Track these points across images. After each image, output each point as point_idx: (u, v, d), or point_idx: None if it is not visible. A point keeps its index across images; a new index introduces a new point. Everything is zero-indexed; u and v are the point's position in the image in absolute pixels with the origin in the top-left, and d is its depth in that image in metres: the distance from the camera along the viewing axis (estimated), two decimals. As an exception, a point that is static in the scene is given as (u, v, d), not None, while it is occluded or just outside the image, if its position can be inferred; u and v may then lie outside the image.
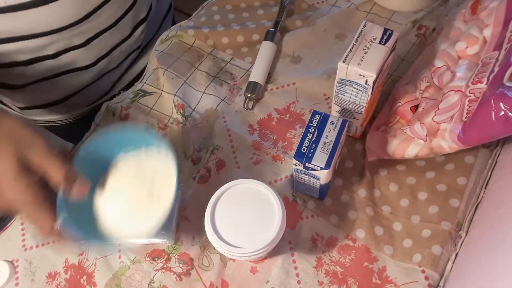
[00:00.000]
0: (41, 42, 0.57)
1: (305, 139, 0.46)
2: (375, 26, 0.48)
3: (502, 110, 0.40)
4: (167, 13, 0.79)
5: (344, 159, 0.56)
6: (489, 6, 0.52)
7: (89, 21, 0.58)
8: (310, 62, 0.66)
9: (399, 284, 0.48)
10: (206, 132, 0.61)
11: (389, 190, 0.53)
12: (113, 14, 0.62)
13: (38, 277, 0.54)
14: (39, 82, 0.64)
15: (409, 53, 0.64)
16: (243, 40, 0.69)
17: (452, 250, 0.48)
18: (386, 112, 0.56)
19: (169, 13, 0.81)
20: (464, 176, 0.52)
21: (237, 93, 0.64)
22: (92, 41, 0.62)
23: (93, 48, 0.63)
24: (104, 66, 0.68)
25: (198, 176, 0.57)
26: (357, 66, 0.45)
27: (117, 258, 0.53)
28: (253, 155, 0.58)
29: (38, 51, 0.59)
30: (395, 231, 0.51)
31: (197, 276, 0.51)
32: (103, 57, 0.66)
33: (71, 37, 0.59)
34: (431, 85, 0.53)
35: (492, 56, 0.47)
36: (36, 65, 0.60)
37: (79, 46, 0.61)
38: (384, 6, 0.68)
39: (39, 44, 0.57)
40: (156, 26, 0.76)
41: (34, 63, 0.60)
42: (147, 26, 0.70)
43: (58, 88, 0.67)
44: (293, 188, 0.55)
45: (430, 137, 0.49)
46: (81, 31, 0.59)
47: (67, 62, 0.62)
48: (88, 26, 0.59)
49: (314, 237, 0.52)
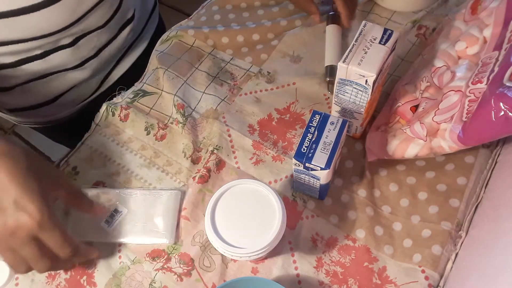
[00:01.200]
0: (30, 45, 0.57)
1: (305, 139, 0.46)
2: (375, 26, 0.48)
3: (502, 110, 0.40)
4: (152, 12, 0.79)
5: (344, 159, 0.56)
6: (489, 6, 0.52)
7: (79, 24, 0.58)
8: (310, 62, 0.66)
9: (399, 284, 0.48)
10: (206, 132, 0.61)
11: (389, 190, 0.53)
12: (103, 15, 0.62)
13: (38, 277, 0.53)
14: (28, 83, 0.64)
15: (409, 53, 0.64)
16: (243, 40, 0.69)
17: (452, 250, 0.48)
18: (386, 112, 0.56)
19: (154, 11, 0.80)
20: (464, 176, 0.52)
21: (237, 93, 0.64)
22: (79, 41, 0.62)
23: (80, 49, 0.63)
24: (92, 67, 0.68)
25: (198, 176, 0.57)
26: (357, 66, 0.45)
27: (117, 258, 0.53)
28: (253, 155, 0.58)
29: (25, 53, 0.58)
30: (395, 231, 0.51)
31: (198, 277, 0.51)
32: (91, 58, 0.66)
33: (60, 39, 0.59)
34: (431, 85, 0.53)
35: (492, 56, 0.47)
36: (24, 66, 0.60)
37: (66, 46, 0.61)
38: (384, 6, 0.68)
39: (27, 47, 0.57)
40: (141, 25, 0.76)
41: (21, 64, 0.60)
42: (133, 27, 0.70)
43: (47, 88, 0.67)
44: (293, 188, 0.55)
45: (430, 137, 0.49)
46: (70, 33, 0.59)
47: (55, 62, 0.62)
48: (78, 28, 0.59)
49: (314, 237, 0.52)
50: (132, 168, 0.60)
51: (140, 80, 0.68)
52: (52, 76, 0.64)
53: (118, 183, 0.59)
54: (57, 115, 0.74)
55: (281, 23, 0.70)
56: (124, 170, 0.60)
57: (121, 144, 0.62)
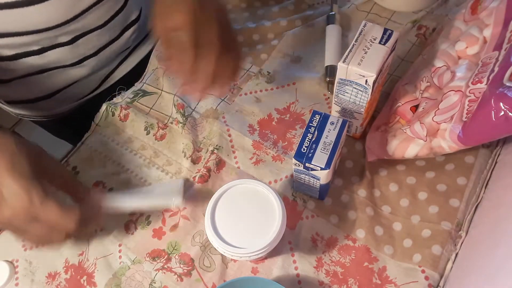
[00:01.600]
0: (27, 40, 0.57)
1: (305, 139, 0.46)
2: (375, 26, 0.48)
3: (502, 110, 0.40)
4: None
5: (344, 159, 0.56)
6: (489, 6, 0.52)
7: (76, 22, 0.58)
8: (310, 62, 0.66)
9: (399, 284, 0.48)
10: (206, 132, 0.61)
11: (389, 190, 0.53)
12: (102, 15, 0.62)
13: (38, 277, 0.54)
14: (25, 77, 0.64)
15: (409, 53, 0.64)
16: (243, 40, 0.69)
17: (452, 250, 0.48)
18: (386, 112, 0.56)
19: None
20: (464, 176, 0.52)
21: (237, 93, 0.64)
22: (78, 40, 0.62)
23: (79, 47, 0.63)
24: (91, 65, 0.68)
25: (198, 176, 0.57)
26: (357, 66, 0.45)
27: (117, 258, 0.53)
28: (253, 155, 0.58)
29: (23, 47, 0.59)
30: (395, 231, 0.51)
31: (198, 277, 0.51)
32: (90, 56, 0.66)
33: (58, 36, 0.59)
34: (431, 85, 0.53)
35: (492, 56, 0.47)
36: (21, 60, 0.60)
37: (64, 44, 0.61)
38: (384, 6, 0.68)
39: (24, 41, 0.57)
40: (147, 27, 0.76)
41: (18, 58, 0.60)
42: (138, 28, 0.70)
43: (44, 84, 0.67)
44: (293, 188, 0.55)
45: (430, 137, 0.49)
46: (68, 31, 0.59)
47: (52, 59, 0.62)
48: (75, 26, 0.59)
49: (314, 237, 0.52)
50: (132, 168, 0.60)
51: (140, 80, 0.68)
52: (50, 71, 0.64)
53: (118, 183, 0.59)
54: (57, 109, 0.74)
55: (281, 23, 0.70)
56: (124, 170, 0.60)
57: (121, 144, 0.62)
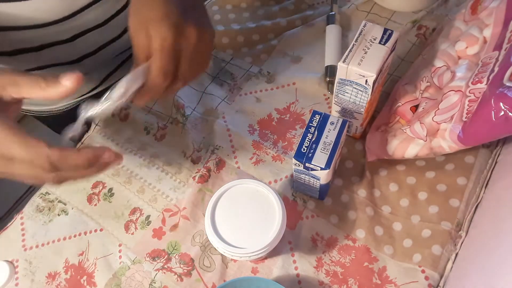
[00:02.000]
0: (25, 35, 0.56)
1: (305, 139, 0.46)
2: (375, 26, 0.48)
3: (502, 110, 0.40)
4: None
5: (344, 159, 0.56)
6: (489, 6, 0.52)
7: (75, 19, 0.58)
8: (310, 62, 0.66)
9: (399, 284, 0.48)
10: (206, 132, 0.61)
11: (389, 190, 0.53)
12: (103, 14, 0.61)
13: (38, 277, 0.54)
14: None
15: (409, 53, 0.64)
16: (243, 40, 0.69)
17: (452, 250, 0.48)
18: (386, 112, 0.56)
19: None
20: (464, 176, 0.52)
21: (237, 93, 0.64)
22: (77, 38, 0.61)
23: (78, 45, 0.63)
24: (91, 63, 0.67)
25: (198, 176, 0.57)
26: (357, 66, 0.45)
27: (118, 258, 0.53)
28: (253, 155, 0.58)
29: (20, 43, 0.58)
30: (395, 231, 0.51)
31: (198, 277, 0.51)
32: (89, 55, 0.66)
33: (56, 33, 0.59)
34: (431, 85, 0.53)
35: (492, 56, 0.47)
36: (19, 56, 0.60)
37: (63, 41, 0.60)
38: (384, 6, 0.68)
39: (22, 37, 0.57)
40: None
41: (16, 54, 0.60)
42: None
43: None
44: (293, 188, 0.55)
45: (430, 137, 0.49)
46: (67, 28, 0.59)
47: (50, 56, 0.62)
48: (75, 24, 0.59)
49: (314, 237, 0.52)
50: (132, 168, 0.60)
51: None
52: (48, 68, 0.64)
53: (118, 183, 0.59)
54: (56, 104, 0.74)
55: (281, 23, 0.70)
56: (124, 170, 0.60)
57: (121, 144, 0.62)
